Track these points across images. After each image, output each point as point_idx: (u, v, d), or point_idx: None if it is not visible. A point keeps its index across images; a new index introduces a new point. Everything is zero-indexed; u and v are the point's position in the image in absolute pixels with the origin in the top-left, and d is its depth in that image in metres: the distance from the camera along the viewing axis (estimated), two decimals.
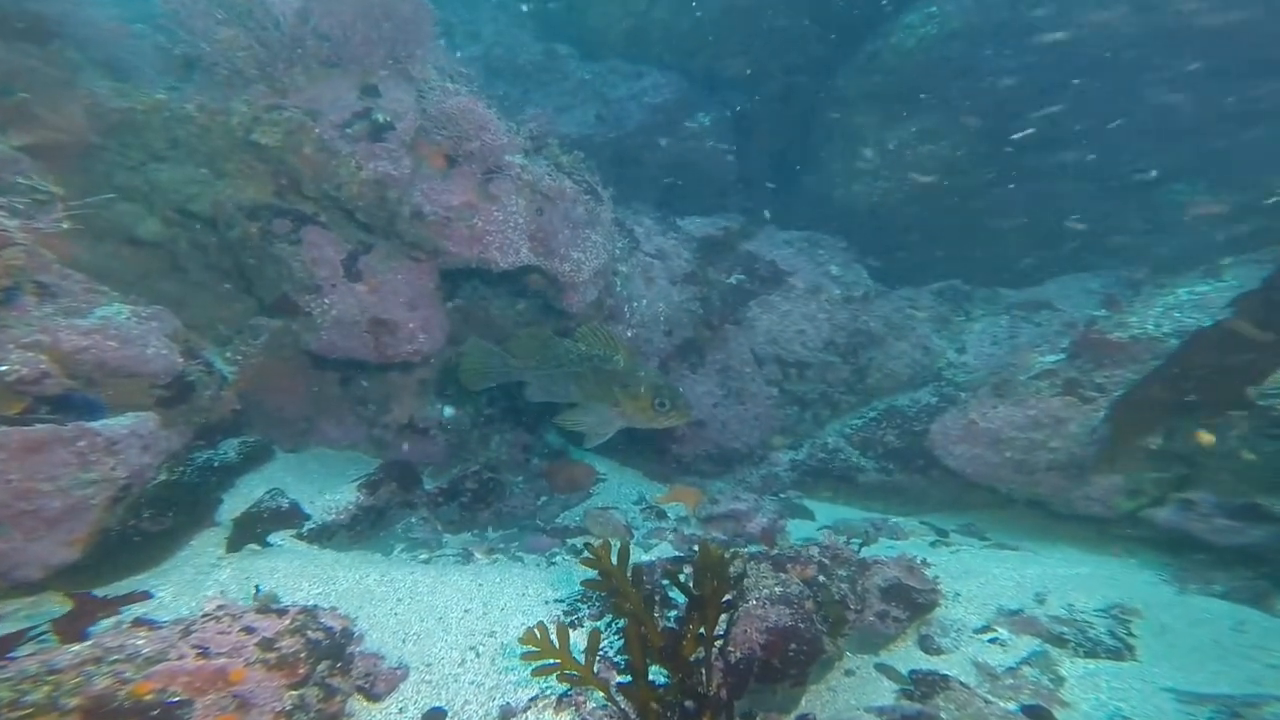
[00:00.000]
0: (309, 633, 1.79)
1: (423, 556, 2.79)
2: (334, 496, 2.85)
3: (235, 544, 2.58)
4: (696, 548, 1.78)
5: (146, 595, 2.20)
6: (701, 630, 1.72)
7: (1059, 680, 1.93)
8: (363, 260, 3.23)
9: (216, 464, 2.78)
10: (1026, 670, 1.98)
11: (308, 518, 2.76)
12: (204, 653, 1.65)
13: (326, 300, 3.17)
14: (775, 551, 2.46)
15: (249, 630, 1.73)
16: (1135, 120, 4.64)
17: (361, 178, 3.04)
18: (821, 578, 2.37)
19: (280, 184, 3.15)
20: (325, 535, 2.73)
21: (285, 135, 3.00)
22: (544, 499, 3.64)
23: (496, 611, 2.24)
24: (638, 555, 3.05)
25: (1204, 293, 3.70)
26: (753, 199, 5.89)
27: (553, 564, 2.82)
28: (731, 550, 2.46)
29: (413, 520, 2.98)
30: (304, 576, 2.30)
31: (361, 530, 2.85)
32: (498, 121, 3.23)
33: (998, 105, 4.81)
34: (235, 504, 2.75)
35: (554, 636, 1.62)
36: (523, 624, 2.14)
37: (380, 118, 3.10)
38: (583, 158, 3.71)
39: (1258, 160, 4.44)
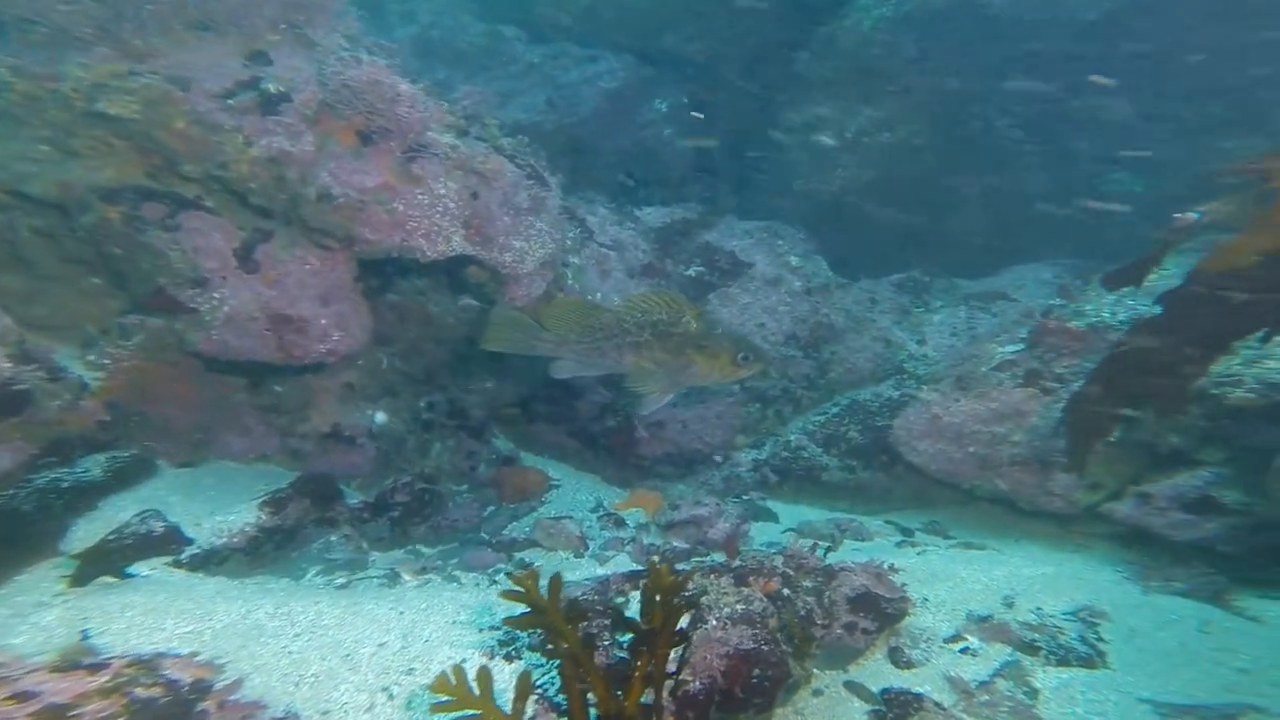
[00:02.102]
0: (137, 690, 1.45)
1: (340, 581, 2.51)
2: (228, 517, 2.52)
3: (82, 578, 2.21)
4: (649, 567, 1.58)
5: None
6: (652, 668, 1.53)
7: (1033, 693, 1.84)
8: (261, 249, 2.87)
9: (67, 485, 2.42)
10: (1000, 684, 1.87)
11: (189, 542, 2.43)
12: None
13: (216, 295, 2.81)
14: (737, 563, 2.30)
15: (23, 697, 1.37)
16: (1078, 109, 4.68)
17: (252, 155, 2.68)
18: (786, 591, 2.22)
19: (152, 163, 2.75)
20: (213, 561, 2.42)
21: (145, 106, 2.61)
22: (491, 509, 3.38)
23: (419, 644, 1.98)
24: (591, 569, 2.85)
25: (1151, 282, 3.73)
26: (712, 188, 5.73)
27: (495, 583, 2.58)
28: (686, 570, 2.29)
29: (333, 539, 2.69)
30: (168, 614, 1.98)
31: (266, 553, 2.54)
32: (416, 95, 2.90)
33: (954, 92, 4.77)
34: (92, 530, 2.38)
35: (473, 681, 1.39)
36: (450, 658, 1.90)
37: (272, 88, 2.75)
38: (527, 141, 3.44)
39: (1187, 155, 4.54)
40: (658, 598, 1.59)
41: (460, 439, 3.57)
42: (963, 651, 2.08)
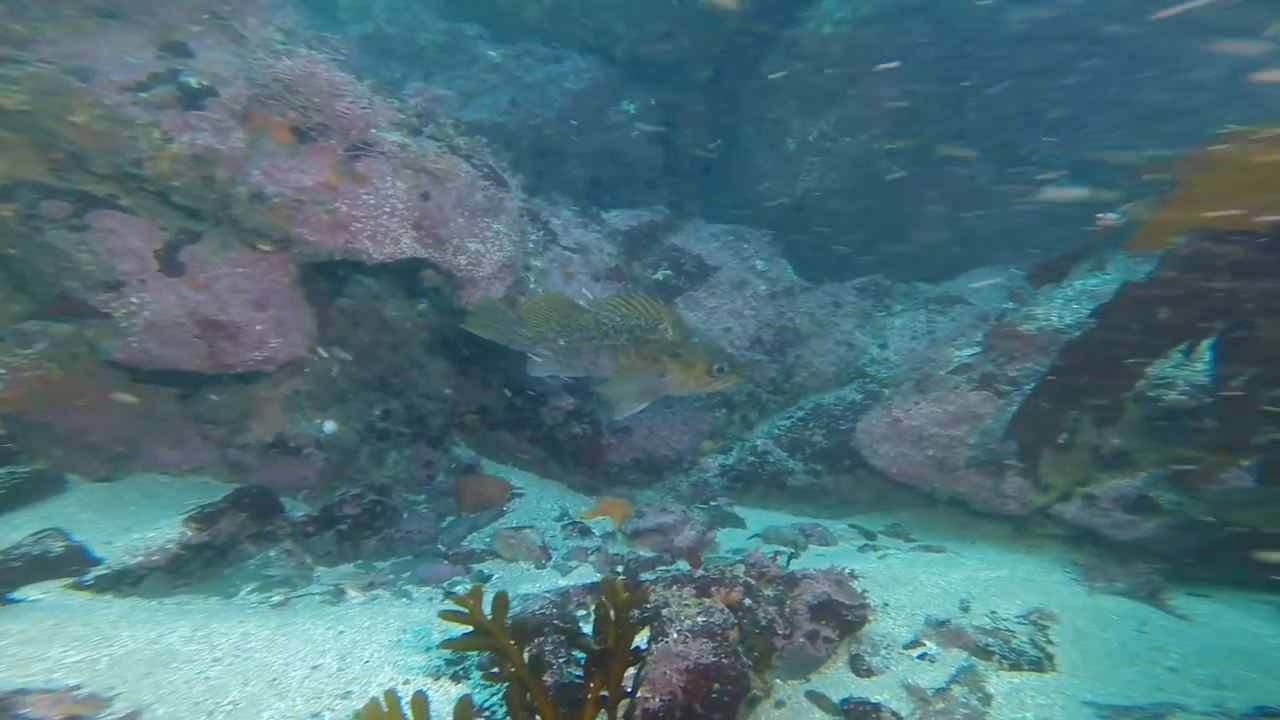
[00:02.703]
0: None
1: (276, 598, 2.39)
2: (147, 534, 2.38)
3: None
4: (603, 583, 1.54)
5: None
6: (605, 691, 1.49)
7: (987, 699, 1.87)
8: (187, 251, 2.73)
9: None
10: (956, 690, 1.90)
11: (97, 562, 2.29)
12: None
13: (134, 299, 2.66)
14: (700, 573, 2.28)
15: None
16: (1030, 115, 4.83)
17: (173, 152, 2.55)
18: (748, 601, 2.22)
19: (54, 159, 2.60)
20: (126, 582, 2.29)
21: (34, 97, 2.45)
22: (449, 520, 3.29)
23: (358, 665, 1.88)
24: (553, 580, 2.80)
25: (1094, 286, 3.86)
26: (680, 191, 5.72)
27: (450, 597, 2.50)
28: (649, 580, 2.26)
29: (272, 555, 2.57)
30: (54, 642, 1.83)
31: (192, 571, 2.42)
32: (358, 90, 2.79)
33: (910, 97, 4.86)
34: None
35: (407, 708, 1.33)
36: (391, 680, 1.82)
37: (193, 81, 2.61)
38: (485, 142, 3.35)
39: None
40: (612, 615, 1.55)
41: (418, 448, 3.47)
42: (921, 657, 2.10)
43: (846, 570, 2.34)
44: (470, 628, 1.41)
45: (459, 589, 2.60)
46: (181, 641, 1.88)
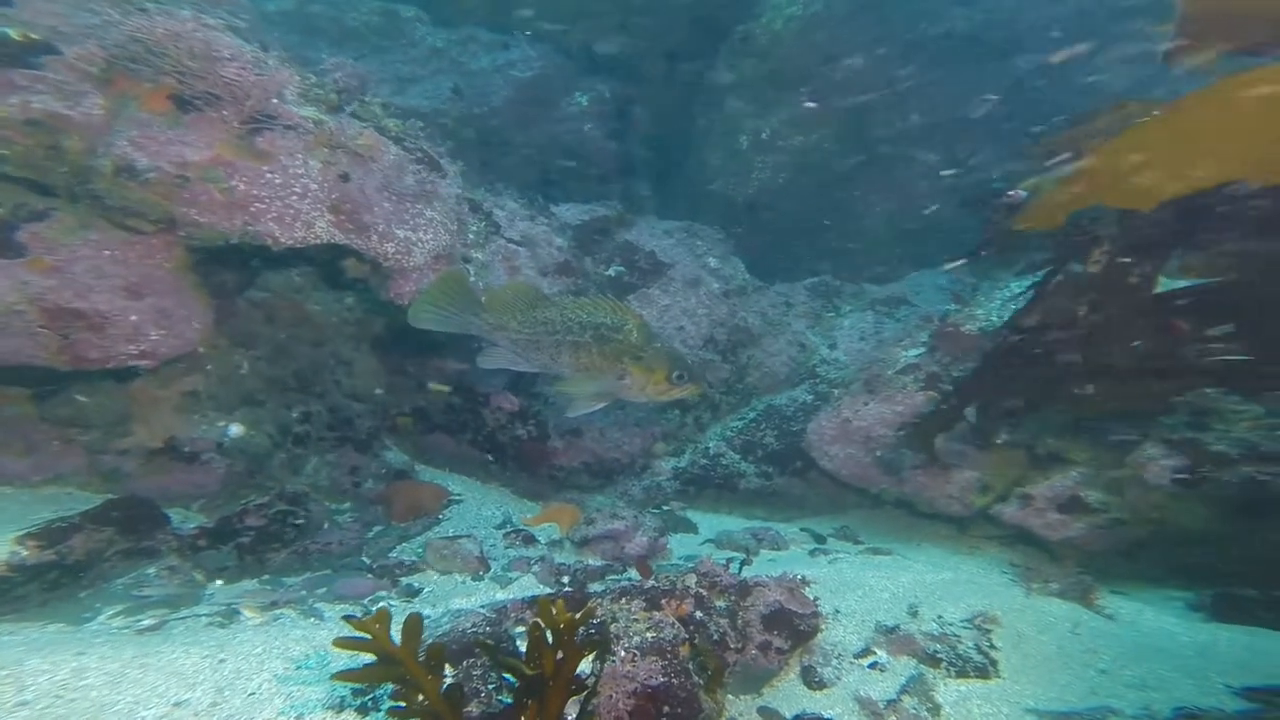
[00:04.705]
0: None
1: (146, 622, 2.13)
2: None
3: None
4: (539, 602, 1.40)
5: None
6: None
7: (936, 709, 1.87)
8: (27, 230, 2.40)
9: None
10: (906, 701, 1.89)
11: None
12: None
13: None
14: (650, 584, 2.19)
15: None
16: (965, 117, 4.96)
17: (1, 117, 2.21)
18: (699, 614, 2.14)
19: None
20: None
21: None
22: (377, 530, 3.06)
23: (238, 699, 1.65)
24: (491, 594, 2.63)
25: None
26: (634, 187, 5.60)
27: (370, 614, 2.28)
28: (598, 593, 2.15)
29: (150, 573, 2.29)
30: None
31: (28, 596, 2.13)
32: (249, 56, 2.52)
33: (860, 93, 4.90)
34: None
35: None
36: (280, 714, 1.62)
37: (12, 33, 2.29)
38: (421, 126, 3.11)
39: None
40: (549, 638, 1.42)
41: (342, 452, 3.20)
42: (872, 667, 2.09)
43: (798, 577, 2.30)
44: (374, 656, 1.24)
45: (382, 605, 2.40)
46: None
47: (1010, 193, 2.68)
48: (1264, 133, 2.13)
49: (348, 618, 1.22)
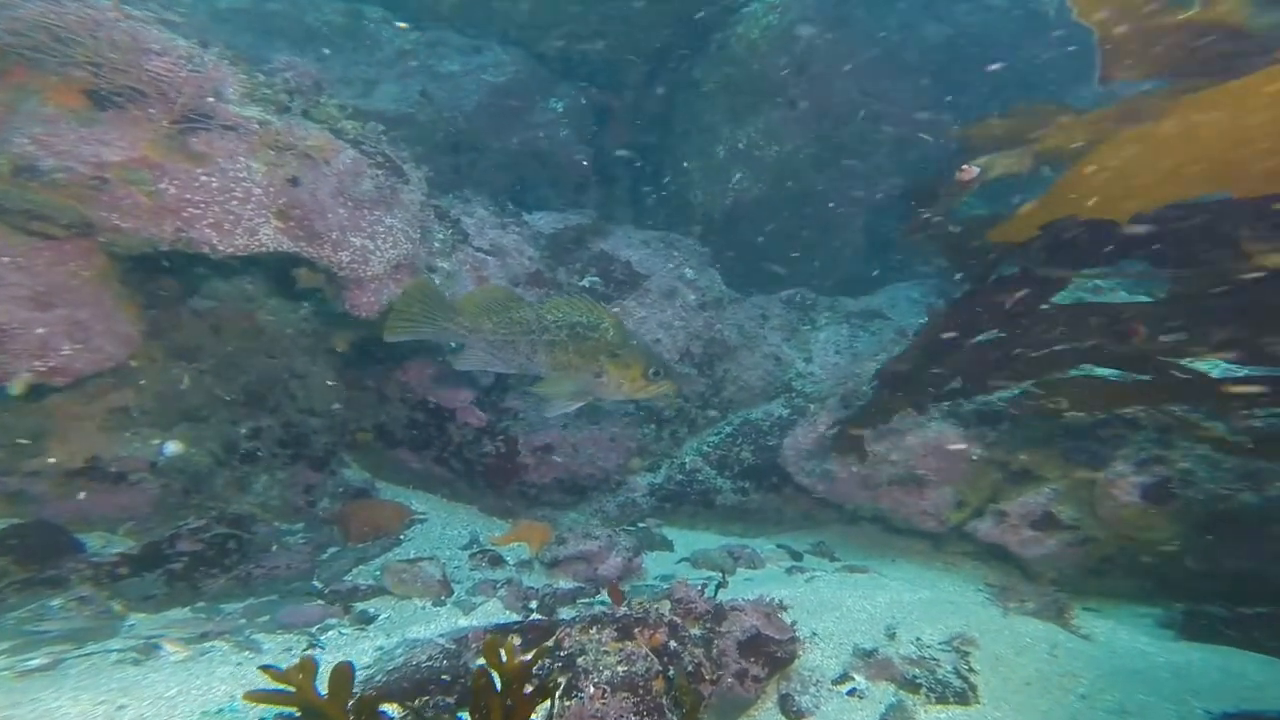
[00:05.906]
0: None
1: (37, 661, 1.93)
2: None
3: None
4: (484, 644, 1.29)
5: None
6: None
7: None
8: None
9: None
10: None
11: None
12: None
13: None
14: (622, 612, 2.10)
15: None
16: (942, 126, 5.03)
17: None
18: (673, 643, 2.06)
19: None
20: None
21: None
22: (332, 551, 2.89)
23: None
24: (453, 620, 2.49)
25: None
26: (610, 196, 5.52)
27: (316, 646, 2.14)
28: (564, 621, 2.04)
29: (55, 604, 2.10)
30: None
31: None
32: (178, 49, 2.35)
33: (835, 105, 4.93)
34: None
35: None
36: None
37: None
38: (382, 129, 2.98)
39: None
40: (497, 685, 1.31)
41: (296, 470, 3.02)
42: (850, 694, 2.03)
43: (775, 601, 2.24)
44: (298, 710, 1.11)
45: (332, 634, 2.24)
46: None
47: (965, 168, 2.65)
48: (1219, 146, 2.14)
49: (265, 668, 1.09)
